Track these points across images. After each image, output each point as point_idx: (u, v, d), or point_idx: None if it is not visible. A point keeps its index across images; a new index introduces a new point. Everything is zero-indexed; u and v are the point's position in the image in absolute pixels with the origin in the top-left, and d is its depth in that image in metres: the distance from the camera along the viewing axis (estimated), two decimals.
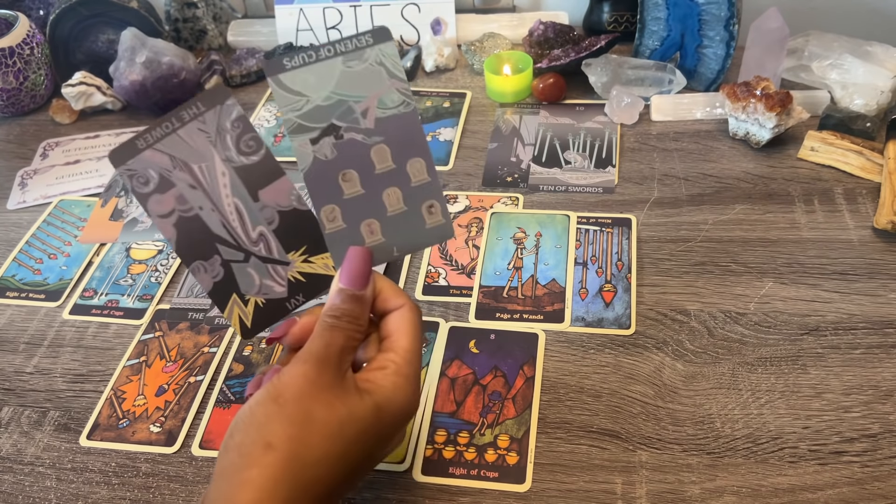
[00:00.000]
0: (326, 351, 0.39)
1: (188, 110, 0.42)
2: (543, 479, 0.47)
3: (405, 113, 0.43)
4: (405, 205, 0.44)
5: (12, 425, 0.55)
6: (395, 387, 0.39)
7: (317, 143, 0.42)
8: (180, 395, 0.55)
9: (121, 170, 0.42)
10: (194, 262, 0.44)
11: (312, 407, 0.37)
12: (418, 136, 0.43)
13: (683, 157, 0.71)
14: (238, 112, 0.43)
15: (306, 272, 0.45)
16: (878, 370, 0.51)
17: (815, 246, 0.61)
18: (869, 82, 0.71)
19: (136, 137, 0.42)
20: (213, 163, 0.43)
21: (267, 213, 0.44)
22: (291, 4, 0.92)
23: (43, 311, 0.64)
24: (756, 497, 0.45)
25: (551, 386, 0.53)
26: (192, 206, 0.43)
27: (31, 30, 0.86)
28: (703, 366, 0.53)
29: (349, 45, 0.42)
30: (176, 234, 0.43)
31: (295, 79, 0.42)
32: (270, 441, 0.36)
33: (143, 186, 0.42)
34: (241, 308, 0.45)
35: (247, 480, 0.35)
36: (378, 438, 0.39)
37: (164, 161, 0.42)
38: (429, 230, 0.45)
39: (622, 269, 0.60)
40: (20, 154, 0.83)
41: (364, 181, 0.43)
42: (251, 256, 0.44)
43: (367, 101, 0.42)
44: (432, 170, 0.44)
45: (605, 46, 0.80)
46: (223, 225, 0.43)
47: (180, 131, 0.42)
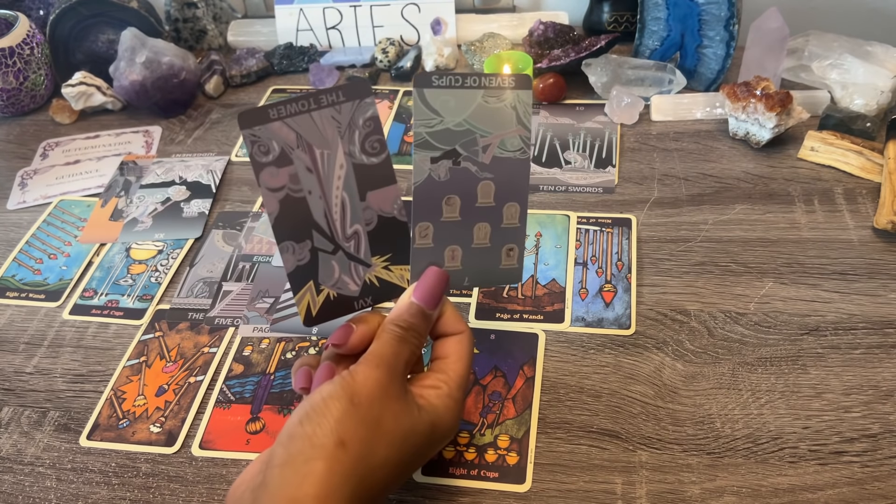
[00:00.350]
0: (395, 360, 0.40)
1: (327, 95, 0.42)
2: (543, 480, 0.47)
3: (520, 160, 0.45)
4: (490, 242, 0.46)
5: (12, 425, 0.55)
6: (446, 408, 0.41)
7: (436, 163, 0.44)
8: (180, 395, 0.55)
9: (246, 132, 0.41)
10: (286, 241, 0.44)
11: (383, 414, 0.38)
12: (523, 184, 0.46)
13: (683, 157, 0.71)
14: (373, 112, 0.43)
15: (382, 278, 0.46)
16: (879, 370, 0.51)
17: (815, 246, 0.61)
18: (869, 82, 0.71)
19: (269, 106, 0.42)
20: (335, 153, 0.43)
21: (368, 213, 0.45)
22: (291, 4, 0.92)
23: (43, 312, 0.64)
24: (756, 497, 0.45)
25: (551, 386, 0.53)
26: (303, 188, 0.43)
27: (31, 30, 0.86)
28: (703, 366, 0.53)
29: (493, 82, 0.43)
30: (279, 210, 0.43)
31: (437, 97, 0.43)
32: (344, 438, 0.37)
33: (262, 155, 0.42)
34: (313, 296, 0.45)
35: (314, 471, 0.36)
36: (424, 452, 0.41)
37: (290, 137, 0.42)
38: (501, 270, 0.47)
39: (622, 269, 0.60)
40: (20, 154, 0.83)
41: (463, 210, 0.45)
42: (339, 250, 0.45)
43: (492, 139, 0.44)
44: (524, 217, 0.46)
45: (605, 46, 0.80)
46: (325, 214, 0.44)
47: (314, 114, 0.42)
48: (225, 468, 0.50)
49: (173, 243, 0.68)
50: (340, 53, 0.92)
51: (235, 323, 0.60)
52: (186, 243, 0.68)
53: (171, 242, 0.68)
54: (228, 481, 0.49)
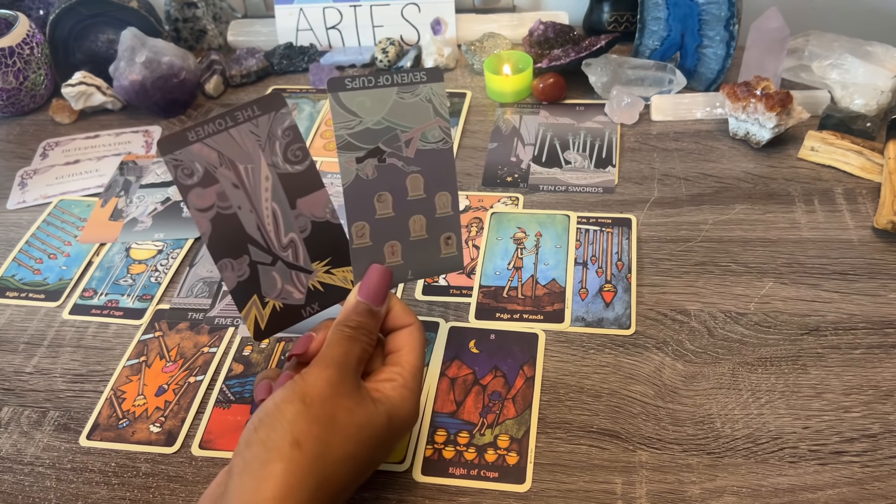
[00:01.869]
0: (346, 359, 0.41)
1: (243, 111, 0.43)
2: (543, 479, 0.47)
3: (442, 149, 0.46)
4: (427, 233, 0.47)
5: (12, 425, 0.54)
6: (402, 398, 0.42)
7: (361, 163, 0.45)
8: (180, 395, 0.55)
9: (167, 158, 0.42)
10: (223, 259, 0.44)
11: (336, 410, 0.39)
12: (450, 172, 0.47)
13: (683, 157, 0.71)
14: (290, 121, 0.44)
15: (326, 283, 0.47)
16: (879, 370, 0.51)
17: (816, 246, 0.61)
18: (869, 82, 0.71)
19: (187, 129, 0.42)
20: (259, 166, 0.44)
21: (301, 221, 0.45)
22: (291, 4, 0.92)
23: (43, 311, 0.64)
24: (756, 497, 0.45)
25: (551, 386, 0.53)
26: (232, 204, 0.44)
27: (30, 30, 0.86)
28: (703, 366, 0.53)
29: (405, 79, 0.45)
30: (211, 229, 0.44)
31: (353, 99, 0.44)
32: (298, 438, 0.37)
33: (186, 178, 0.43)
34: (259, 310, 0.46)
35: (272, 474, 0.36)
36: (385, 444, 0.42)
37: (211, 156, 0.43)
38: (442, 259, 0.48)
39: (622, 269, 0.60)
40: (20, 154, 0.83)
41: (396, 205, 0.46)
42: (278, 261, 0.45)
43: (412, 133, 0.45)
44: (456, 205, 0.47)
45: (605, 46, 0.80)
46: (258, 227, 0.45)
47: (232, 130, 0.43)
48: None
49: (173, 243, 0.68)
50: (340, 53, 0.92)
51: (235, 323, 0.60)
52: (186, 243, 0.68)
53: (170, 242, 0.68)
54: None
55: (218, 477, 0.41)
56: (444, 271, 0.49)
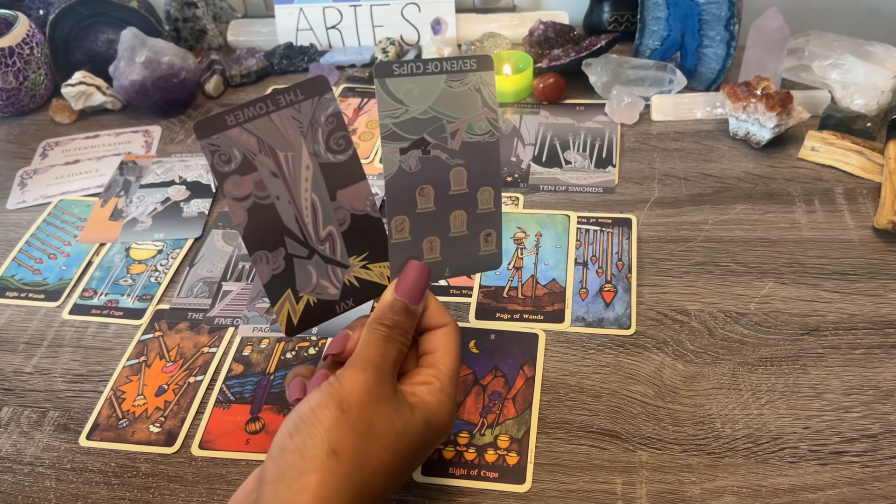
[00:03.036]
0: (382, 361, 0.39)
1: (285, 95, 0.40)
2: (543, 480, 0.47)
3: (489, 142, 0.44)
4: (467, 229, 0.45)
5: (12, 425, 0.54)
6: (439, 404, 0.40)
7: (405, 154, 0.43)
8: (180, 395, 0.55)
9: (204, 143, 0.40)
10: (258, 251, 0.42)
11: (374, 417, 0.38)
12: (495, 167, 0.45)
13: (684, 157, 0.71)
14: (335, 107, 0.41)
15: (362, 278, 0.45)
16: (879, 370, 0.51)
17: (816, 246, 0.61)
18: (869, 82, 0.71)
19: (226, 112, 0.40)
20: (299, 154, 0.41)
21: (340, 213, 0.43)
22: (291, 4, 0.92)
23: (42, 311, 0.64)
24: (756, 497, 0.45)
25: (551, 386, 0.53)
26: (270, 194, 0.42)
27: (30, 29, 0.86)
28: (703, 366, 0.53)
29: (454, 66, 0.42)
30: (247, 219, 0.41)
31: (400, 86, 0.42)
32: (335, 447, 0.36)
33: (224, 164, 0.40)
34: (293, 305, 0.44)
35: (308, 485, 0.35)
36: (421, 451, 0.40)
37: (251, 142, 0.40)
38: (481, 257, 0.46)
39: (622, 269, 0.60)
40: (20, 154, 0.83)
41: (438, 199, 0.44)
42: (315, 254, 0.43)
43: (459, 124, 0.43)
44: (499, 201, 0.45)
45: (606, 46, 0.80)
46: (296, 219, 0.42)
47: (273, 115, 0.40)
48: (224, 468, 0.50)
49: (173, 243, 0.68)
50: (340, 53, 0.92)
51: (235, 323, 0.60)
52: (186, 243, 0.68)
53: (170, 242, 0.68)
54: (228, 481, 0.49)
55: (247, 482, 0.40)
56: (482, 269, 0.47)
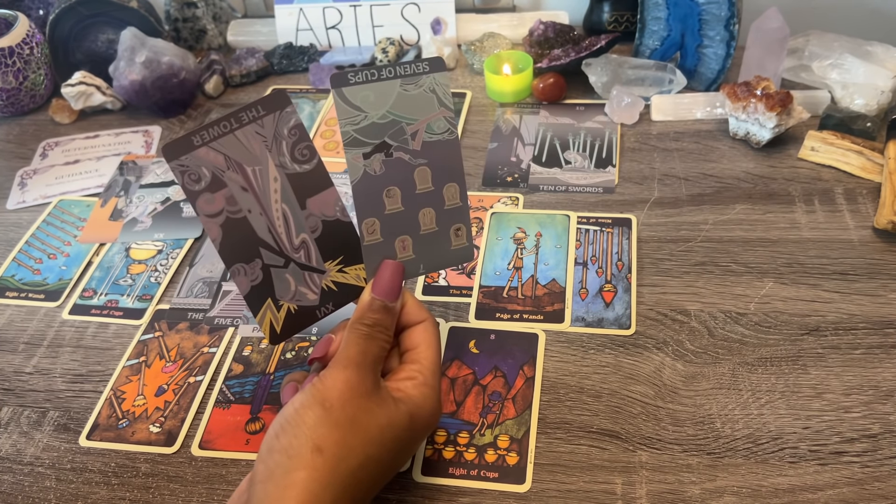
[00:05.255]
0: (364, 358, 0.41)
1: (248, 112, 0.42)
2: (543, 480, 0.47)
3: (448, 140, 0.46)
4: (437, 225, 0.47)
5: (12, 425, 0.54)
6: (423, 397, 0.42)
7: (368, 158, 0.44)
8: (180, 395, 0.55)
9: (174, 164, 0.41)
10: (235, 265, 0.44)
11: (356, 412, 0.39)
12: (457, 163, 0.46)
13: (683, 157, 0.71)
14: (296, 120, 0.43)
15: (339, 281, 0.47)
16: (879, 370, 0.51)
17: (816, 246, 0.61)
18: (869, 82, 0.71)
19: (192, 133, 0.41)
20: (266, 167, 0.43)
21: (312, 221, 0.45)
22: (291, 4, 0.92)
23: (42, 311, 0.64)
24: (756, 497, 0.45)
25: (551, 386, 0.53)
26: (242, 208, 0.43)
27: (30, 29, 0.86)
28: (703, 366, 0.53)
29: (408, 70, 0.44)
30: (222, 234, 0.43)
31: (356, 94, 0.43)
32: (319, 444, 0.37)
33: (194, 184, 0.42)
34: (274, 313, 0.45)
35: (295, 482, 0.36)
36: (407, 444, 0.41)
37: (218, 160, 0.42)
38: (453, 251, 0.48)
39: (622, 269, 0.60)
40: (20, 154, 0.83)
41: (405, 199, 0.46)
42: (291, 262, 0.45)
43: (418, 125, 0.45)
44: (465, 195, 0.47)
45: (606, 46, 0.80)
46: (269, 230, 0.44)
47: (238, 132, 0.42)
48: (224, 468, 0.50)
49: (173, 243, 0.68)
50: (340, 53, 0.92)
51: (235, 323, 0.60)
52: (186, 243, 0.68)
53: (170, 242, 0.68)
54: (228, 481, 0.49)
55: (241, 485, 0.42)
56: (455, 263, 0.49)
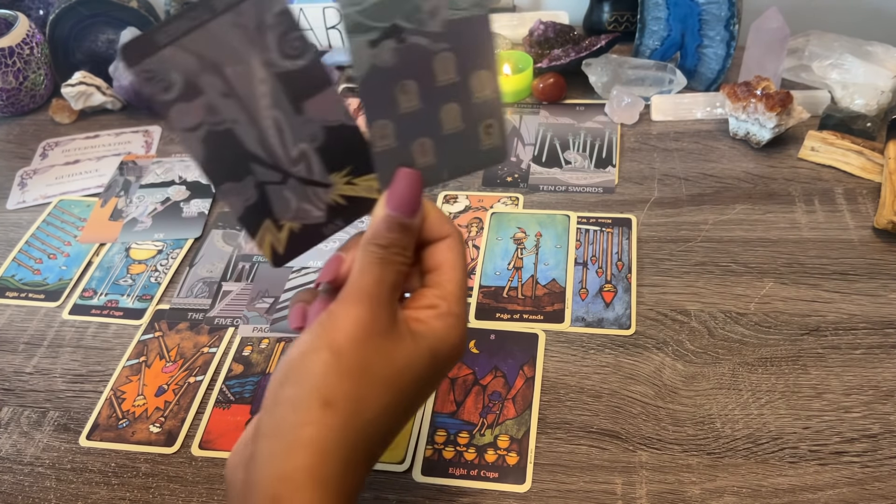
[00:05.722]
0: (378, 289, 0.35)
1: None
2: (543, 480, 0.47)
3: (478, 16, 0.37)
4: (463, 123, 0.39)
5: (12, 425, 0.54)
6: (447, 327, 0.36)
7: (376, 47, 0.36)
8: (180, 395, 0.55)
9: (136, 70, 0.34)
10: (224, 184, 0.38)
11: (370, 357, 0.34)
12: (487, 45, 0.38)
13: (683, 157, 0.71)
14: (282, 4, 0.35)
15: (348, 195, 0.40)
16: (879, 370, 0.51)
17: (816, 246, 0.61)
18: (869, 82, 0.71)
19: (154, 30, 0.33)
20: (250, 66, 0.35)
21: (311, 127, 0.38)
22: (291, 4, 0.92)
23: (42, 311, 0.64)
24: (756, 497, 0.45)
25: (551, 386, 0.53)
26: (225, 118, 0.36)
27: (30, 29, 0.86)
28: (703, 366, 0.53)
29: None
30: (204, 151, 0.36)
31: None
32: (329, 397, 0.33)
33: (163, 93, 0.34)
34: (275, 235, 0.40)
35: (302, 440, 0.32)
36: (428, 383, 0.37)
37: (189, 62, 0.34)
38: (483, 152, 0.40)
39: (622, 269, 0.60)
40: (20, 154, 0.83)
41: (423, 94, 0.37)
42: (289, 178, 0.39)
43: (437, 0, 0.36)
44: (497, 85, 0.39)
45: (606, 46, 0.80)
46: (259, 142, 0.37)
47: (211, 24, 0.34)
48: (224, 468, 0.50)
49: (173, 243, 0.68)
50: (340, 53, 0.92)
51: (235, 323, 0.60)
52: (186, 243, 0.68)
53: (170, 242, 0.68)
54: None
55: (246, 431, 0.37)
56: (485, 165, 0.41)
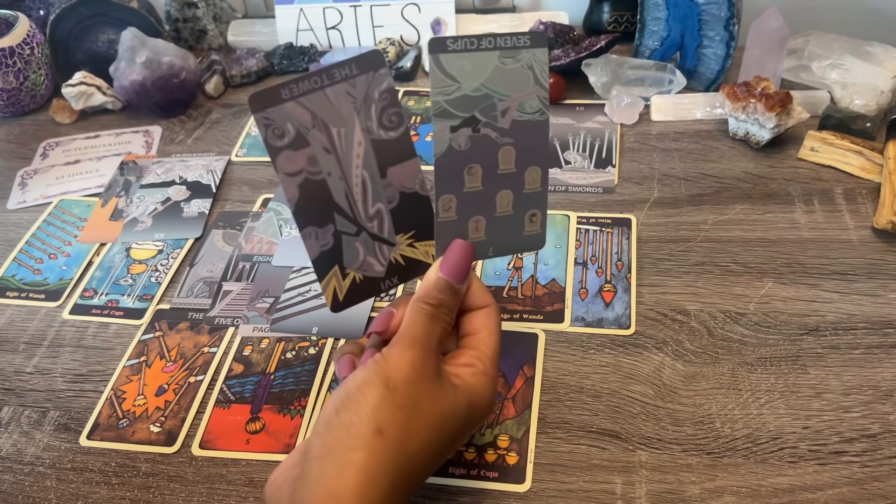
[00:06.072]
0: (428, 339, 0.39)
1: (341, 70, 0.40)
2: (543, 479, 0.47)
3: (539, 121, 0.43)
4: (513, 209, 0.45)
5: (12, 425, 0.55)
6: (482, 386, 0.40)
7: (455, 132, 0.42)
8: (180, 395, 0.55)
9: (259, 116, 0.39)
10: (308, 227, 0.42)
11: (420, 396, 0.37)
12: (543, 146, 0.44)
13: (683, 157, 0.71)
14: (389, 83, 0.41)
15: (408, 256, 0.45)
16: (878, 370, 0.51)
17: (815, 246, 0.61)
18: (869, 82, 0.71)
19: (281, 86, 0.39)
20: (352, 130, 0.41)
21: (389, 191, 0.43)
22: (291, 4, 0.92)
23: (43, 311, 0.64)
24: (756, 497, 0.45)
25: (551, 386, 0.53)
26: (322, 170, 0.41)
27: (31, 30, 0.86)
28: (702, 366, 0.53)
29: (508, 42, 0.41)
30: (298, 195, 0.41)
31: (453, 63, 0.41)
32: (381, 426, 0.36)
33: (277, 139, 0.40)
34: (339, 281, 0.44)
35: (354, 463, 0.35)
36: (462, 433, 0.40)
37: (304, 117, 0.40)
38: (525, 237, 0.46)
39: (622, 269, 0.60)
40: (20, 154, 0.83)
41: (485, 178, 0.43)
42: (363, 231, 0.43)
43: (510, 102, 0.42)
44: (545, 181, 0.45)
45: (605, 46, 0.80)
46: (346, 195, 0.42)
47: (328, 90, 0.40)
48: (225, 468, 0.50)
49: (173, 243, 0.68)
50: (340, 53, 0.92)
51: (235, 323, 0.60)
52: (186, 243, 0.68)
53: (171, 242, 0.68)
54: (228, 481, 0.49)
55: (291, 456, 0.40)
56: (525, 249, 0.47)
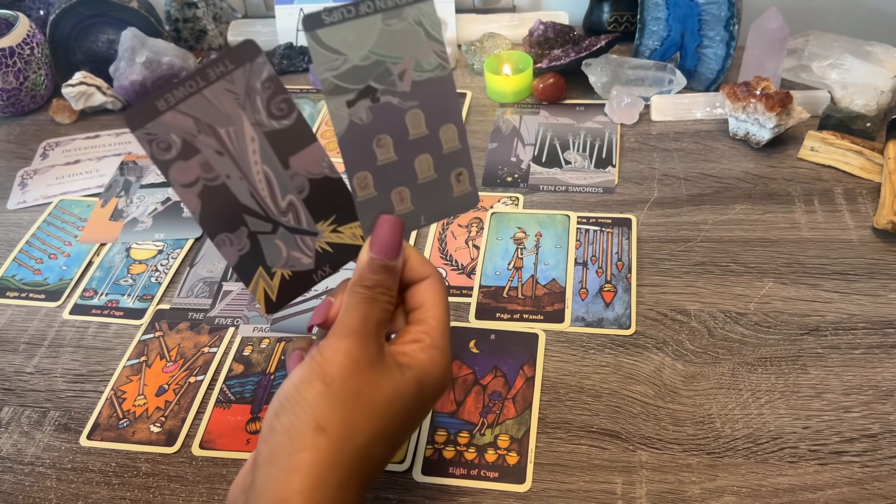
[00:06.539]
0: (365, 325, 0.38)
1: (214, 68, 0.38)
2: (543, 479, 0.47)
3: (441, 77, 0.41)
4: (435, 172, 0.43)
5: (12, 425, 0.55)
6: (432, 360, 0.39)
7: (353, 106, 0.40)
8: (180, 395, 0.55)
9: (139, 133, 0.38)
10: (219, 235, 0.41)
11: (359, 386, 0.36)
12: (452, 101, 0.42)
13: (683, 157, 0.71)
14: (269, 72, 0.39)
15: (334, 242, 0.43)
16: (878, 370, 0.51)
17: (815, 246, 0.61)
18: (869, 82, 0.71)
19: (155, 97, 0.37)
20: (241, 127, 0.39)
21: (297, 181, 0.41)
22: (291, 4, 0.92)
23: (43, 311, 0.64)
24: (756, 497, 0.45)
25: (551, 386, 0.53)
26: (219, 174, 0.40)
27: (31, 30, 0.86)
28: (703, 366, 0.53)
29: (388, 2, 0.39)
30: (200, 204, 0.40)
31: (333, 35, 0.39)
32: (321, 423, 0.35)
33: (164, 153, 0.38)
34: (267, 282, 0.43)
35: (299, 465, 0.34)
36: (417, 413, 0.39)
37: (187, 124, 0.38)
38: (456, 198, 0.44)
39: (622, 269, 0.60)
40: (20, 154, 0.83)
41: (397, 147, 0.42)
42: (279, 227, 0.42)
43: (405, 63, 0.40)
44: (463, 136, 0.43)
45: (605, 46, 0.80)
46: (251, 194, 0.41)
47: (206, 91, 0.38)
48: (225, 468, 0.50)
49: (173, 243, 0.68)
50: None
51: (235, 323, 0.60)
52: (186, 243, 0.68)
53: (171, 242, 0.68)
54: (228, 481, 0.49)
55: (245, 465, 0.39)
56: (459, 210, 0.45)
